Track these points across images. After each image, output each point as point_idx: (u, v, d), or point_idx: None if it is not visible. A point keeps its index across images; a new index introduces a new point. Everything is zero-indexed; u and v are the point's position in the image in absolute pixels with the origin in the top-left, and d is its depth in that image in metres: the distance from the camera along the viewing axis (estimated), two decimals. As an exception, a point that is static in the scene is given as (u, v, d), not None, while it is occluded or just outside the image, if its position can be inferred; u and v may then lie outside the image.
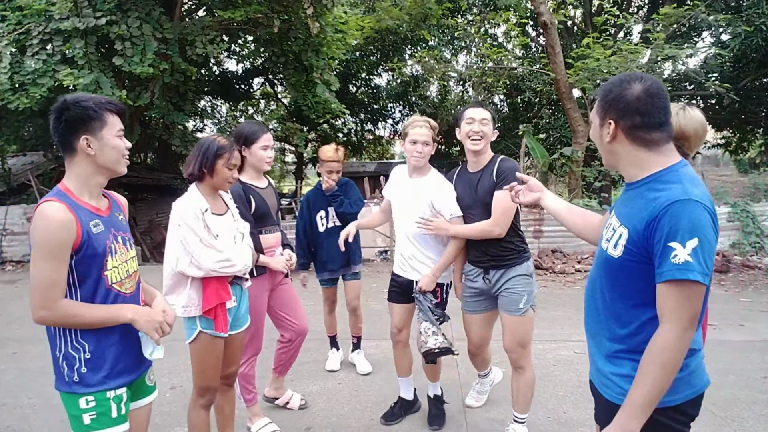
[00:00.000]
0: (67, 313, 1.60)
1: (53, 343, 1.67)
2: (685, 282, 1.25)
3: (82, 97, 1.64)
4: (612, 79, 1.47)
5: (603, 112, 1.44)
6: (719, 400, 3.35)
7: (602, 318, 1.49)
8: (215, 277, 2.26)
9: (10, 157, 12.44)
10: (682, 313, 1.27)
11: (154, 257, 11.12)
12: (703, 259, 1.25)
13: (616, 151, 1.44)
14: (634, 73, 1.44)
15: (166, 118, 9.39)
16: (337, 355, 4.08)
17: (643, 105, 1.37)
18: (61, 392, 1.68)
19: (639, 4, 15.76)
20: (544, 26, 8.65)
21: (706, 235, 1.26)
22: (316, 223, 3.72)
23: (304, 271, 3.88)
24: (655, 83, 1.39)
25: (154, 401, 1.92)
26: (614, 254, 1.41)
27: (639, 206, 1.36)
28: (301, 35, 9.56)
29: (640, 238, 1.33)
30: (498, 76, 10.88)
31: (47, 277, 1.56)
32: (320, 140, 19.53)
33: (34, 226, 1.56)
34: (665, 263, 1.26)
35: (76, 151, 1.64)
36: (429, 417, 3.10)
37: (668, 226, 1.26)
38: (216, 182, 2.30)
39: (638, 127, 1.38)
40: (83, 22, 7.35)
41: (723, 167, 26.58)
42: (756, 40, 9.96)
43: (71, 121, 1.61)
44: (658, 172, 1.37)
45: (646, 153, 1.39)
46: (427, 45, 14.63)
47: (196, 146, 2.33)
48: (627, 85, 1.40)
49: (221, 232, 2.29)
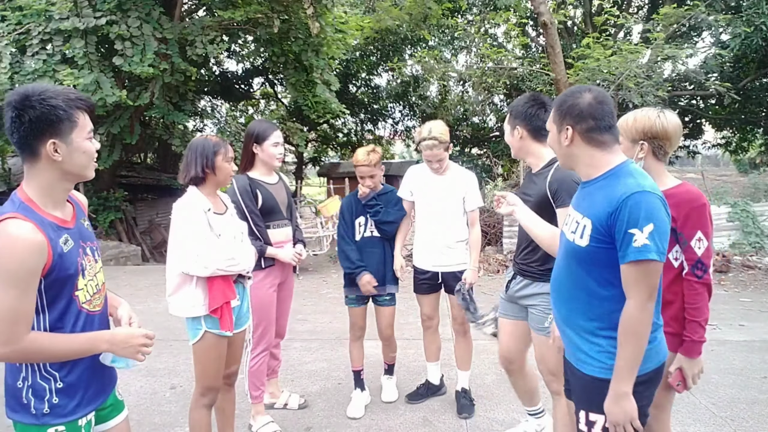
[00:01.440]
0: (34, 349, 1.37)
1: (14, 372, 1.45)
2: (644, 261, 1.45)
3: (48, 91, 1.39)
4: (566, 90, 1.69)
5: (560, 119, 1.64)
6: (719, 400, 3.35)
7: (574, 303, 1.66)
8: (220, 276, 2.26)
9: (10, 157, 12.43)
10: (643, 287, 1.48)
11: (154, 257, 11.13)
12: (659, 239, 1.45)
13: (574, 154, 1.65)
14: (582, 86, 1.67)
15: (166, 118, 9.39)
16: (361, 398, 3.34)
17: (594, 110, 1.58)
18: (19, 424, 1.46)
19: (639, 4, 15.76)
20: (544, 26, 8.65)
21: (660, 219, 1.47)
22: (354, 229, 3.26)
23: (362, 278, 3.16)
24: (601, 92, 1.62)
25: (152, 403, 1.90)
26: (581, 244, 1.59)
27: (599, 199, 1.55)
28: (301, 35, 9.56)
29: (603, 227, 1.52)
30: (498, 76, 10.88)
31: (11, 307, 1.31)
32: (320, 140, 19.55)
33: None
34: (627, 247, 1.47)
35: (39, 156, 1.39)
36: (459, 407, 3.24)
37: (627, 216, 1.46)
38: (219, 179, 2.34)
39: (592, 129, 1.59)
40: (83, 22, 7.35)
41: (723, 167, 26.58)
42: (756, 40, 9.96)
43: (36, 122, 1.36)
44: (611, 169, 1.58)
45: (599, 153, 1.60)
46: (427, 45, 14.62)
47: (189, 150, 2.34)
48: (579, 95, 1.61)
49: (223, 232, 2.31)
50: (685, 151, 16.57)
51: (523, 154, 2.47)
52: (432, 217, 3.13)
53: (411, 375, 3.82)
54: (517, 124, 2.39)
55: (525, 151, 2.45)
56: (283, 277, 3.07)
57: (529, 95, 2.49)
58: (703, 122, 15.23)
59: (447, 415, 3.22)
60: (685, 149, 16.50)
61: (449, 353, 4.31)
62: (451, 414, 3.22)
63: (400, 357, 4.19)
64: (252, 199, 2.86)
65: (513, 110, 2.44)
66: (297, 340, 4.69)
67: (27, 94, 1.37)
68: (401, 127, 19.49)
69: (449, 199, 3.09)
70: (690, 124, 15.43)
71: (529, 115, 2.36)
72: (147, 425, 3.14)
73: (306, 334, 4.90)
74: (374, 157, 3.10)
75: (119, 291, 7.02)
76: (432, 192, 3.13)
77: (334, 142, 19.93)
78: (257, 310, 2.86)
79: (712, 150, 18.02)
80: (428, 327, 3.34)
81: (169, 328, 4.77)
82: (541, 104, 2.37)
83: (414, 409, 3.29)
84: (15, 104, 1.37)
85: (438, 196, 3.11)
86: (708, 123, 15.11)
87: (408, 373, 3.87)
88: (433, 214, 3.12)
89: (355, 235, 3.24)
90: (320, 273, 8.00)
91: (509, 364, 2.67)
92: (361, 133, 19.64)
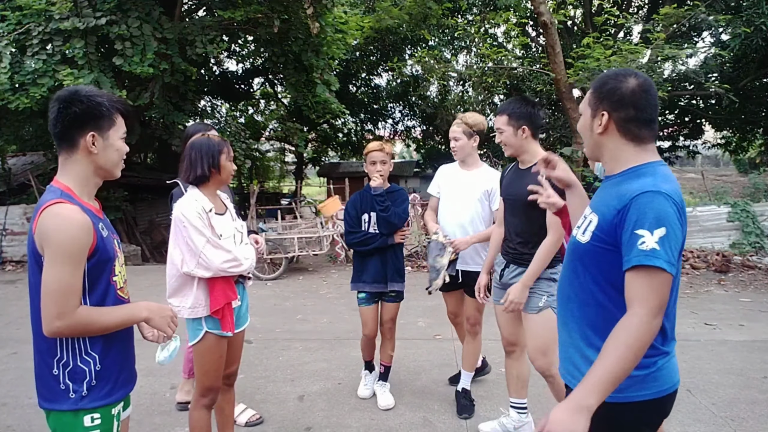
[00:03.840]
0: (86, 320, 1.46)
1: (53, 357, 1.50)
2: (651, 268, 1.26)
3: (94, 91, 1.54)
4: (607, 72, 1.51)
5: (597, 102, 1.47)
6: (719, 400, 3.35)
7: (571, 305, 1.52)
8: (222, 277, 2.26)
9: (10, 157, 12.43)
10: (649, 299, 1.27)
11: (154, 257, 11.12)
12: (669, 248, 1.27)
13: (603, 144, 1.48)
14: (628, 69, 1.47)
15: (166, 118, 9.38)
16: (370, 378, 3.52)
17: (638, 99, 1.41)
18: (54, 411, 1.50)
19: (639, 4, 15.75)
20: (544, 26, 8.64)
21: (672, 226, 1.28)
22: (361, 224, 3.32)
23: None
24: (648, 80, 1.44)
25: (152, 403, 1.91)
26: (582, 240, 1.46)
27: (611, 195, 1.41)
28: (301, 35, 9.56)
29: (609, 225, 1.37)
30: (498, 76, 10.87)
31: (67, 282, 1.42)
32: (320, 140, 19.54)
33: (48, 228, 1.42)
34: (633, 250, 1.28)
35: (77, 147, 1.51)
36: (459, 407, 3.24)
37: (636, 215, 1.30)
38: (223, 177, 2.36)
39: (631, 120, 1.42)
40: (83, 22, 7.35)
41: (723, 167, 26.59)
42: (756, 41, 9.96)
43: (81, 115, 1.49)
44: (636, 166, 1.42)
45: (632, 148, 1.44)
46: (427, 45, 14.62)
47: (192, 149, 2.31)
48: (623, 79, 1.43)
49: (224, 232, 2.30)
50: (685, 151, 16.58)
51: (520, 152, 2.61)
52: (452, 213, 3.16)
53: (411, 375, 3.82)
54: (523, 124, 2.53)
55: (523, 149, 2.60)
56: None
57: (520, 97, 2.66)
58: (703, 122, 15.23)
59: (447, 415, 3.22)
60: (685, 149, 16.52)
61: (450, 353, 4.31)
62: (451, 414, 3.22)
63: (401, 357, 4.19)
64: None
65: (514, 112, 2.55)
66: (297, 340, 4.69)
67: (77, 91, 1.51)
68: (401, 127, 19.51)
69: (470, 197, 3.10)
70: (690, 124, 15.44)
71: (532, 114, 2.55)
72: (147, 425, 3.14)
73: (306, 334, 4.90)
74: (386, 146, 3.26)
75: (119, 291, 7.05)
76: (454, 188, 3.19)
77: (334, 142, 19.96)
78: None
79: (712, 150, 18.01)
80: (457, 324, 3.44)
81: (169, 328, 4.77)
82: (536, 104, 2.60)
83: (414, 409, 3.29)
84: (65, 98, 1.50)
85: (459, 193, 3.15)
86: (708, 123, 15.10)
87: (408, 373, 3.87)
88: (454, 211, 3.15)
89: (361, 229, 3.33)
90: (320, 273, 8.00)
91: (511, 346, 2.84)
92: (361, 133, 19.65)
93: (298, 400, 3.48)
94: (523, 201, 2.39)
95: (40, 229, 1.44)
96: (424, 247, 3.19)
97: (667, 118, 15.43)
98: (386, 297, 3.30)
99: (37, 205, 1.49)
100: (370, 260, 3.25)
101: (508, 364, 2.90)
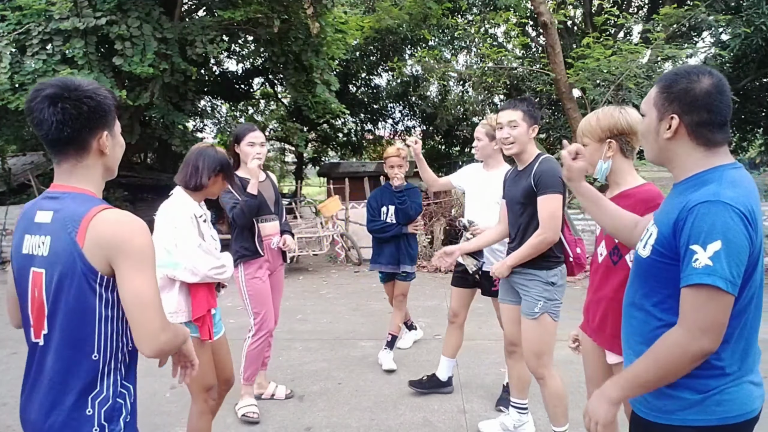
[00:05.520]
0: (174, 332, 1.30)
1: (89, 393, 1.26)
2: (702, 286, 1.18)
3: (93, 84, 1.32)
4: (676, 69, 1.37)
5: (666, 104, 1.33)
6: (719, 400, 3.35)
7: (632, 321, 1.44)
8: (205, 284, 2.25)
9: (10, 157, 12.43)
10: (696, 318, 1.19)
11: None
12: (726, 263, 1.16)
13: (672, 149, 1.34)
14: (701, 66, 1.35)
15: (166, 118, 9.38)
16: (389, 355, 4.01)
17: (713, 100, 1.28)
18: None
19: (639, 4, 15.75)
20: (544, 26, 8.64)
21: (731, 238, 1.17)
22: (381, 215, 3.98)
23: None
24: (723, 79, 1.31)
25: (152, 403, 1.89)
26: (643, 254, 1.37)
27: (672, 206, 1.30)
28: (301, 35, 9.55)
29: (668, 239, 1.28)
30: (498, 76, 10.87)
31: (158, 290, 1.28)
32: (320, 140, 19.54)
33: (121, 235, 1.23)
34: (687, 267, 1.21)
35: (89, 150, 1.30)
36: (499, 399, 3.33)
37: (690, 229, 1.21)
38: (214, 191, 2.41)
39: (705, 124, 1.29)
40: (83, 22, 7.34)
41: (723, 167, 26.55)
42: (756, 41, 9.95)
43: (93, 113, 1.27)
44: (703, 171, 1.30)
45: (702, 153, 1.31)
46: (427, 45, 14.61)
47: (201, 156, 2.33)
48: (696, 78, 1.30)
49: (207, 239, 2.31)
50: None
51: (523, 150, 2.62)
52: (476, 214, 3.20)
53: (411, 375, 3.82)
54: (533, 123, 2.58)
55: (526, 148, 2.62)
56: (272, 268, 3.28)
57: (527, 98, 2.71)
58: (703, 122, 15.23)
59: (447, 415, 3.22)
60: (685, 149, 16.52)
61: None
62: (451, 414, 3.22)
63: (401, 356, 4.20)
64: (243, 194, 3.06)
65: (528, 110, 2.57)
66: (297, 340, 4.69)
67: (79, 86, 1.27)
68: (401, 127, 19.49)
69: (491, 197, 3.11)
70: (690, 124, 15.44)
71: (538, 117, 2.61)
72: (147, 425, 3.14)
73: (306, 334, 4.90)
74: (403, 152, 3.82)
75: (119, 291, 7.06)
76: (476, 189, 3.26)
77: (334, 142, 19.92)
78: (255, 300, 3.13)
79: (712, 150, 18.01)
80: (452, 322, 3.39)
81: (169, 328, 4.77)
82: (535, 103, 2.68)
83: (414, 409, 3.29)
84: (69, 97, 1.25)
85: (481, 194, 3.20)
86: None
87: (408, 373, 3.87)
88: (477, 211, 3.19)
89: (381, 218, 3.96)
90: (320, 273, 8.01)
91: (512, 346, 2.86)
92: (361, 133, 19.63)
93: (298, 400, 3.48)
94: (518, 201, 2.54)
95: (102, 239, 1.23)
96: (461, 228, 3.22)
97: (667, 118, 15.43)
98: (399, 276, 3.97)
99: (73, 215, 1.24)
100: (386, 245, 3.93)
101: (510, 365, 2.92)
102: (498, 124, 2.62)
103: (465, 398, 3.43)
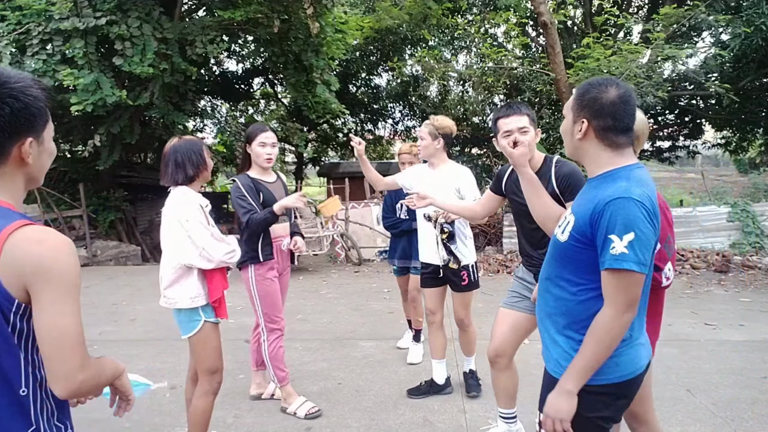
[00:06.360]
0: (96, 370, 1.15)
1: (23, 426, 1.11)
2: (620, 271, 1.41)
3: (22, 77, 1.11)
4: (590, 80, 1.58)
5: (578, 109, 1.56)
6: (719, 400, 3.35)
7: (548, 297, 1.64)
8: (219, 268, 2.44)
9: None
10: (619, 297, 1.43)
11: (154, 257, 11.12)
12: (639, 250, 1.40)
13: (583, 148, 1.58)
14: (610, 78, 1.56)
15: (166, 118, 9.38)
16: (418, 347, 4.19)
17: (617, 110, 1.50)
18: None
19: (639, 4, 15.74)
20: (544, 26, 8.64)
21: (642, 229, 1.40)
22: (396, 211, 4.15)
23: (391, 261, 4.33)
24: (628, 90, 1.52)
25: (152, 403, 1.91)
26: (561, 239, 1.57)
27: (588, 198, 1.52)
28: (301, 35, 9.55)
29: (584, 226, 1.48)
30: (498, 76, 10.87)
31: (79, 323, 1.10)
32: (320, 140, 19.53)
33: (40, 257, 1.04)
34: (605, 253, 1.43)
35: (6, 159, 1.10)
36: (467, 387, 3.46)
37: (607, 221, 1.42)
38: (207, 175, 2.53)
39: (609, 129, 1.51)
40: (83, 22, 7.35)
41: (723, 167, 26.59)
42: (756, 41, 9.94)
43: (17, 116, 1.08)
44: (613, 170, 1.52)
45: (609, 153, 1.53)
46: (427, 45, 14.61)
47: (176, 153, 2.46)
48: (604, 89, 1.52)
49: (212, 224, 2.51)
50: (685, 151, 16.57)
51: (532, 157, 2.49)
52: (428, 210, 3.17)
53: (411, 375, 3.82)
54: (536, 127, 2.56)
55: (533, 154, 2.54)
56: (281, 269, 3.28)
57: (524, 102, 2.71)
58: (703, 122, 15.20)
59: (447, 415, 3.22)
60: (685, 149, 16.50)
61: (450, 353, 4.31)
62: (451, 414, 3.22)
63: (401, 356, 4.20)
64: (256, 195, 3.08)
65: (531, 114, 2.52)
66: (297, 340, 4.69)
67: (3, 82, 1.07)
68: (401, 127, 19.48)
69: (439, 191, 3.07)
70: (690, 124, 15.42)
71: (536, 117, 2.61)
72: (147, 425, 3.14)
73: (306, 334, 4.90)
74: (414, 149, 3.93)
75: (119, 291, 7.02)
76: (424, 188, 3.14)
77: (334, 142, 19.91)
78: (265, 301, 3.13)
79: (712, 150, 17.99)
80: (431, 322, 3.41)
81: (170, 328, 4.77)
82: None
83: (414, 409, 3.29)
84: None
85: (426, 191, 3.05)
86: (708, 123, 15.07)
87: (408, 373, 3.87)
88: (429, 208, 3.14)
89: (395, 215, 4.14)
90: (320, 273, 8.01)
91: (498, 357, 2.63)
92: (361, 133, 19.62)
93: (298, 400, 3.48)
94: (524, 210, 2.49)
95: (18, 261, 1.03)
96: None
97: (667, 118, 15.41)
98: (412, 270, 4.06)
99: None
100: (399, 241, 4.10)
101: (495, 376, 2.72)
102: (505, 132, 2.44)
103: (465, 398, 3.43)
